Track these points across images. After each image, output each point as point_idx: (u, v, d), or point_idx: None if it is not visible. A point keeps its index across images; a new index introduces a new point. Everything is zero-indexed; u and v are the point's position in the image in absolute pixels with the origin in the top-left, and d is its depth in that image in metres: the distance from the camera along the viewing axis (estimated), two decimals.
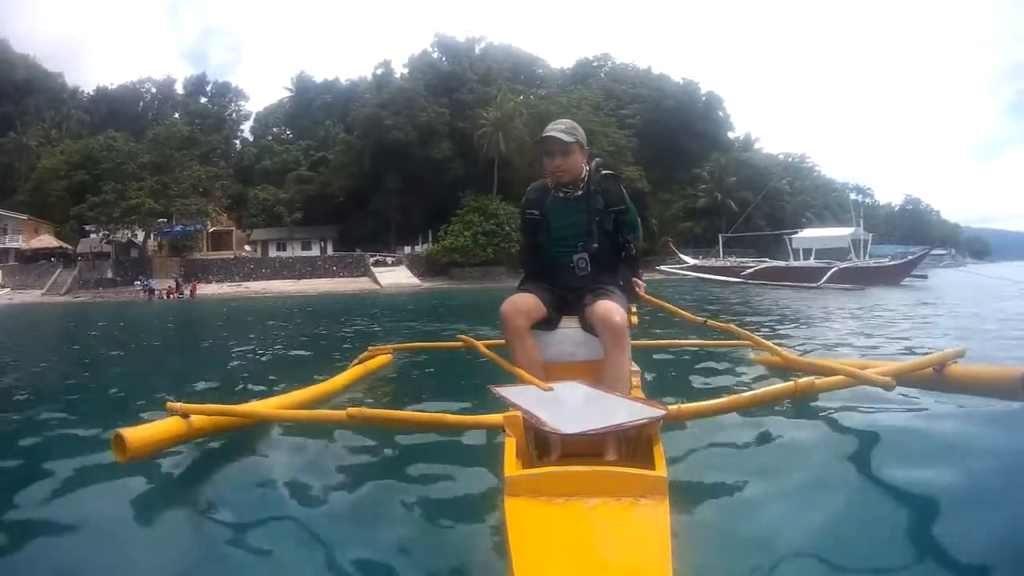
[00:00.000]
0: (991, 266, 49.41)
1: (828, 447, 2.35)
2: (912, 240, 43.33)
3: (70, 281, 38.11)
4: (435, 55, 50.75)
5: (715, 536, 1.64)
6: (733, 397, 1.95)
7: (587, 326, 2.27)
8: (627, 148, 47.92)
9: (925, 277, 24.23)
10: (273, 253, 47.11)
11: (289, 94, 62.80)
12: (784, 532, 1.69)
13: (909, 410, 2.58)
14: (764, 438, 2.39)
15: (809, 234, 29.95)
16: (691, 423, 1.98)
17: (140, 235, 41.49)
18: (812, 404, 2.67)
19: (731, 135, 59.14)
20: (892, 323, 7.67)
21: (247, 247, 48.41)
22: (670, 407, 1.73)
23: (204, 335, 10.09)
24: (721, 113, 58.05)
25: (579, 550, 1.20)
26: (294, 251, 47.03)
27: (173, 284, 35.48)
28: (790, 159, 61.06)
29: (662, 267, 30.26)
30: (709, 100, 56.24)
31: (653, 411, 1.66)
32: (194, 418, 1.97)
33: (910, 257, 25.60)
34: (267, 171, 52.41)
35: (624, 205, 2.47)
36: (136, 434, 1.80)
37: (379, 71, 52.33)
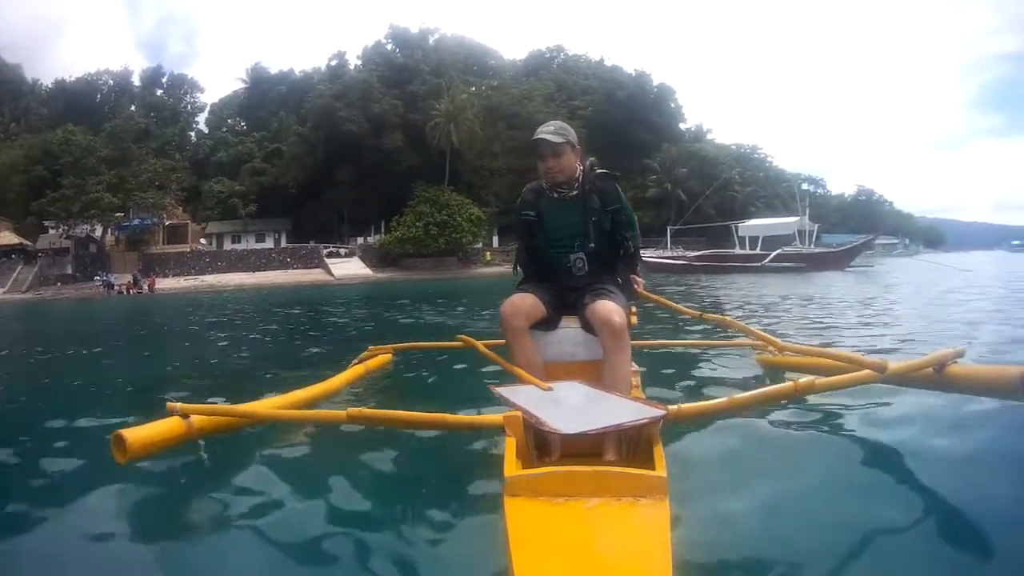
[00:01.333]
0: (944, 255, 50.49)
1: (828, 447, 2.35)
2: (864, 229, 44.18)
3: (31, 278, 37.38)
4: (389, 46, 50.76)
5: (715, 536, 1.64)
6: (733, 397, 1.95)
7: (587, 326, 2.27)
8: (578, 139, 48.40)
9: (871, 266, 25.32)
10: (228, 246, 46.83)
11: (244, 85, 62.31)
12: (784, 532, 1.69)
13: (909, 410, 2.58)
14: (764, 438, 2.39)
15: (755, 223, 30.86)
16: (691, 423, 1.98)
17: (98, 230, 40.99)
18: (812, 404, 2.67)
19: (682, 126, 59.95)
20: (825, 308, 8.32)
21: (202, 240, 48.01)
22: (670, 407, 1.73)
23: (172, 332, 9.98)
24: (673, 104, 58.58)
25: (579, 550, 1.20)
26: (249, 244, 46.80)
27: (131, 279, 35.27)
28: (742, 150, 61.94)
29: None
30: (661, 92, 56.67)
31: (653, 411, 1.66)
32: (194, 418, 1.96)
33: (852, 245, 26.27)
34: (222, 163, 52.12)
35: (620, 204, 2.47)
36: (136, 434, 1.80)
37: (333, 62, 52.23)
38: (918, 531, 1.70)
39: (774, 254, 23.62)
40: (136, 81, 57.97)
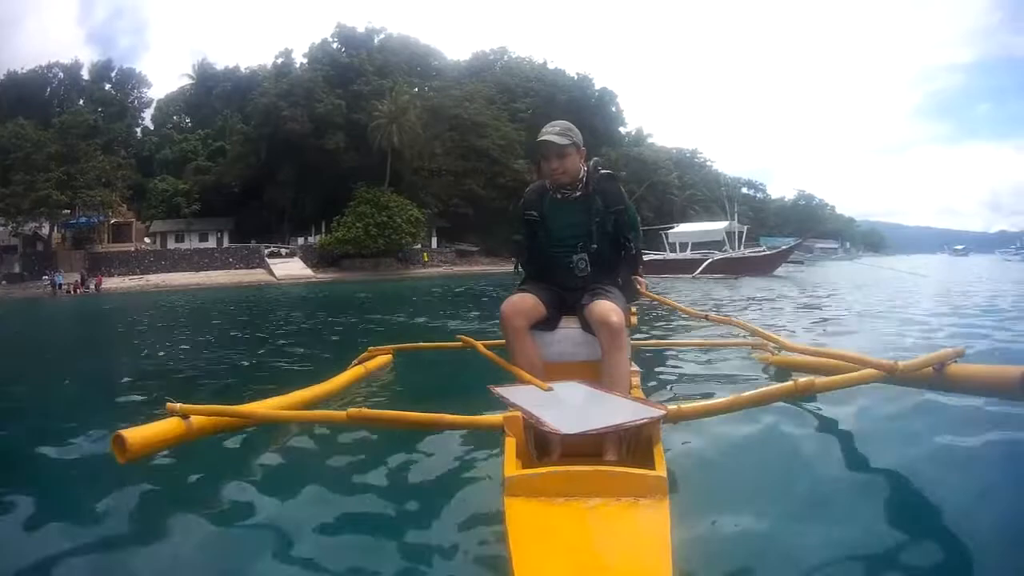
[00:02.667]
0: (884, 258, 53.10)
1: (828, 447, 2.35)
2: (805, 233, 45.21)
3: None
4: (335, 45, 50.45)
5: (715, 536, 1.64)
6: (733, 397, 1.95)
7: (586, 326, 2.27)
8: (517, 142, 48.40)
9: (801, 263, 26.64)
10: (172, 245, 46.23)
11: (190, 81, 61.02)
12: (784, 532, 1.69)
13: (909, 410, 2.58)
14: (764, 438, 2.39)
15: (685, 228, 31.84)
16: (691, 423, 1.97)
17: (45, 228, 40.01)
18: (812, 404, 2.67)
19: (623, 130, 60.60)
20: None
21: (147, 239, 47.23)
22: (670, 407, 1.73)
23: (134, 335, 9.62)
24: (614, 108, 59.26)
25: (579, 550, 1.20)
26: (192, 243, 46.20)
27: (79, 279, 34.40)
28: (682, 154, 62.97)
29: None
30: (602, 95, 57.27)
31: (653, 411, 1.66)
32: (194, 419, 1.96)
33: (783, 248, 26.84)
34: (167, 161, 51.53)
35: (623, 204, 2.47)
36: (136, 435, 1.80)
37: (279, 60, 51.76)
38: (918, 531, 1.70)
39: (705, 264, 24.19)
40: (86, 75, 55.67)
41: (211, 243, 46.22)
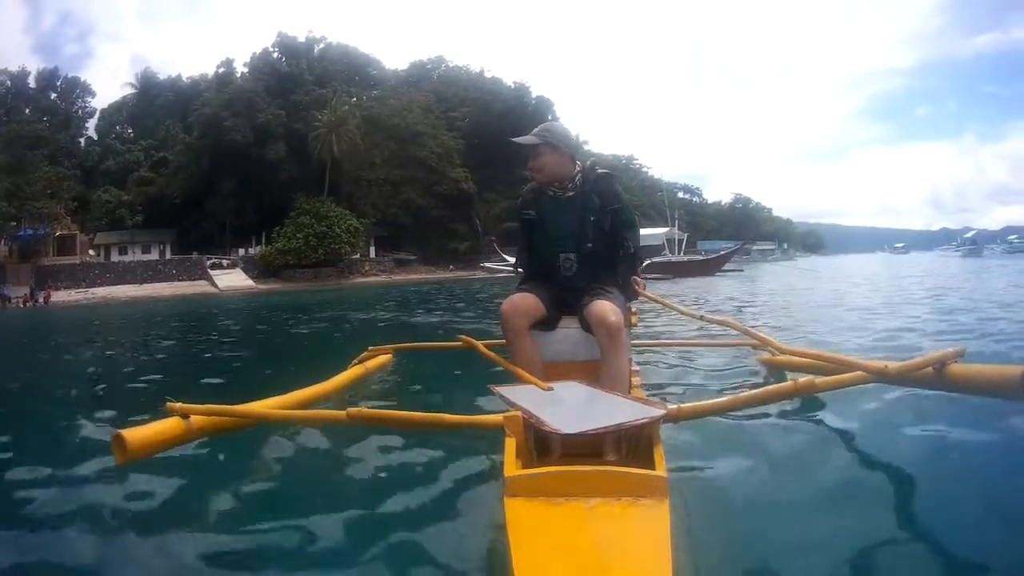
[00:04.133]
0: (822, 258, 56.38)
1: (828, 446, 2.35)
2: (741, 236, 45.59)
3: None
4: (275, 55, 50.44)
5: (715, 536, 1.64)
6: (733, 397, 1.95)
7: (586, 326, 2.27)
8: (454, 150, 48.76)
9: (741, 271, 27.04)
10: (116, 257, 45.72)
11: (133, 91, 60.67)
12: (784, 532, 1.69)
13: (908, 410, 2.58)
14: (764, 438, 2.39)
15: None
16: (691, 423, 1.97)
17: None
18: (812, 403, 2.67)
19: None
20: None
21: (91, 252, 46.40)
22: (670, 407, 1.73)
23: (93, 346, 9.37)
24: (550, 116, 59.19)
25: (579, 550, 1.20)
26: (135, 255, 45.87)
27: (28, 292, 34.10)
28: (618, 160, 63.55)
29: (486, 264, 32.37)
30: (539, 104, 57.68)
31: (653, 411, 1.66)
32: (194, 418, 1.96)
33: (723, 252, 27.49)
34: (110, 172, 51.17)
35: (620, 204, 2.47)
36: (135, 434, 1.80)
37: (221, 70, 51.50)
38: (918, 531, 1.70)
39: (644, 265, 25.17)
40: (32, 83, 55.04)
41: (154, 255, 45.86)
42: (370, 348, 3.89)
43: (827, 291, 12.45)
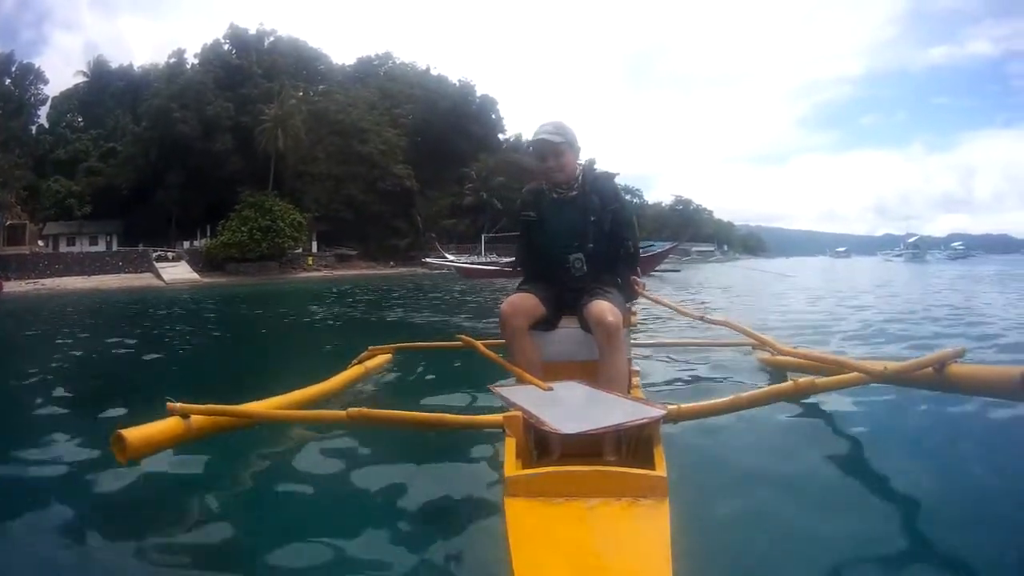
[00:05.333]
0: (762, 261, 59.15)
1: (828, 447, 2.35)
2: (680, 237, 46.71)
3: None
4: (226, 47, 49.91)
5: (715, 536, 1.64)
6: (733, 397, 1.95)
7: (586, 326, 2.27)
8: (398, 147, 48.84)
9: (678, 270, 28.08)
10: (64, 248, 44.87)
11: (85, 79, 58.95)
12: (784, 532, 1.69)
13: (909, 410, 2.58)
14: (764, 438, 2.39)
15: None
16: (691, 423, 1.98)
17: None
18: (812, 403, 2.67)
19: (502, 136, 61.29)
20: None
21: (39, 242, 45.58)
22: (670, 407, 1.73)
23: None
24: (494, 115, 60.07)
25: (579, 550, 1.20)
26: (83, 246, 45.13)
27: None
28: None
29: (427, 260, 32.31)
30: (483, 102, 58.10)
31: (653, 411, 1.66)
32: (194, 418, 1.96)
33: (657, 251, 28.29)
34: (60, 161, 50.16)
35: (619, 203, 2.47)
36: (136, 434, 1.80)
37: (172, 60, 50.70)
38: (918, 531, 1.70)
39: None
40: None
41: (101, 246, 45.23)
42: (370, 348, 3.89)
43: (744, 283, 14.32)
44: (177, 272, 37.59)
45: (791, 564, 1.55)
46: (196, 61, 49.59)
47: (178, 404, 1.93)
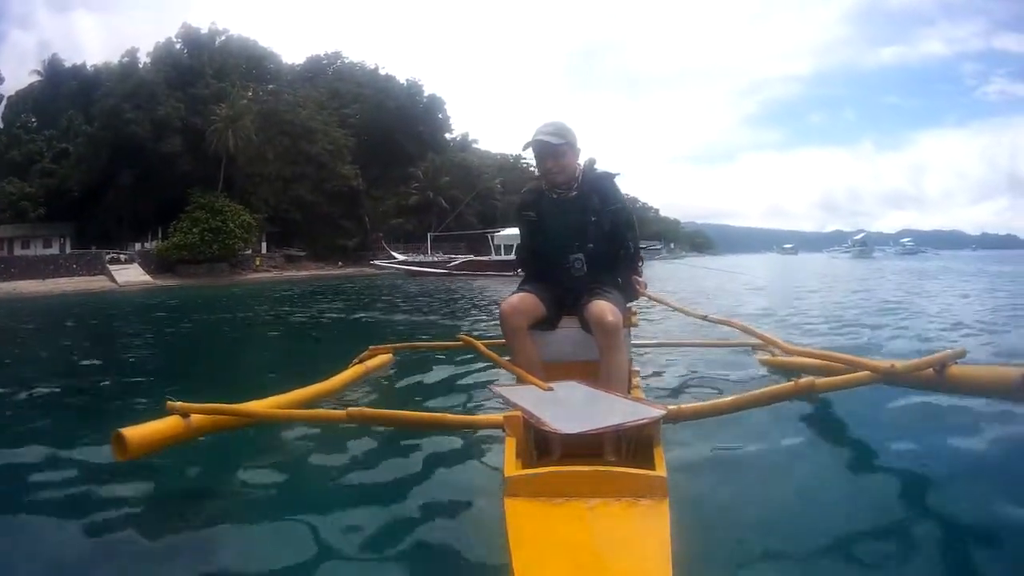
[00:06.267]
0: (708, 258, 60.44)
1: (828, 447, 2.35)
2: None
3: None
4: (178, 46, 49.14)
5: (715, 536, 1.64)
6: (733, 397, 1.95)
7: (586, 326, 2.27)
8: (345, 147, 48.83)
9: None
10: (18, 251, 43.91)
11: (39, 78, 57.51)
12: (784, 532, 1.69)
13: (909, 410, 2.58)
14: (764, 438, 2.39)
15: (510, 232, 33.09)
16: (691, 423, 1.98)
17: None
18: (812, 404, 2.67)
19: (449, 136, 61.30)
20: None
21: None
22: (670, 407, 1.73)
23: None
24: (441, 115, 59.83)
25: (579, 550, 1.20)
26: (36, 249, 44.17)
27: None
28: (506, 160, 63.77)
29: (375, 262, 32.71)
30: (431, 102, 58.12)
31: (653, 411, 1.66)
32: (194, 417, 1.96)
33: None
34: (15, 163, 48.76)
35: (619, 204, 2.46)
36: (136, 433, 1.80)
37: (125, 60, 49.15)
38: (918, 531, 1.70)
39: None
40: None
41: (55, 249, 44.41)
42: (370, 348, 3.89)
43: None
44: (130, 274, 37.24)
45: (791, 564, 1.55)
46: (148, 60, 48.62)
47: (178, 403, 1.93)
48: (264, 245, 45.91)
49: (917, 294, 10.70)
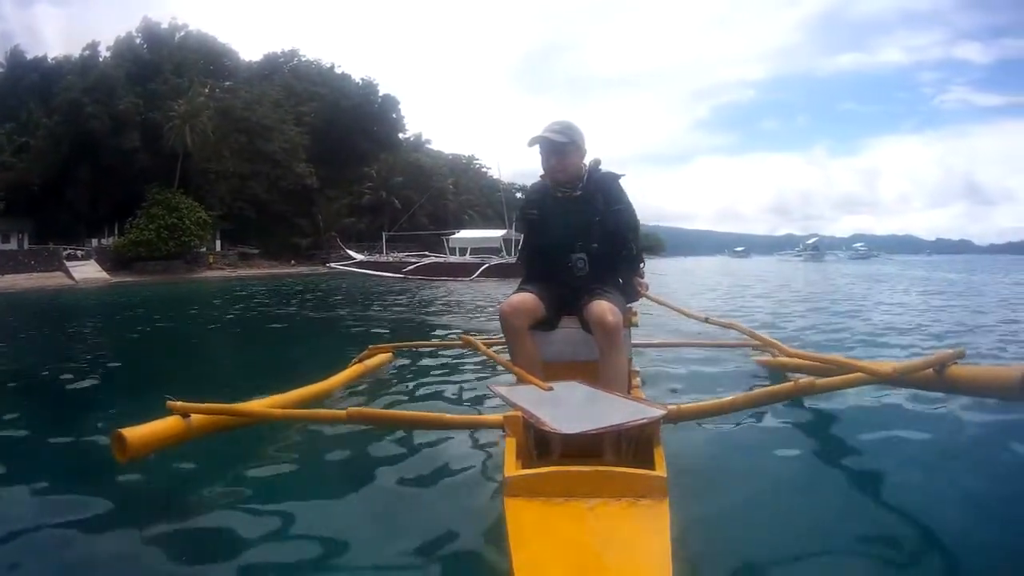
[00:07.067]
0: (663, 260, 63.32)
1: (828, 447, 2.35)
2: None
3: None
4: (138, 41, 48.83)
5: (715, 536, 1.65)
6: (733, 397, 1.95)
7: (587, 326, 2.27)
8: (300, 145, 48.76)
9: None
10: None
11: (0, 70, 55.23)
12: (784, 532, 1.69)
13: (909, 410, 2.58)
14: (764, 438, 2.40)
15: (465, 235, 34.15)
16: (691, 423, 1.98)
17: None
18: (812, 404, 2.67)
19: (402, 136, 61.36)
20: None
21: None
22: (670, 407, 1.73)
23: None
24: (395, 115, 59.80)
25: (579, 550, 1.20)
26: None
27: None
28: (459, 160, 64.42)
29: (331, 264, 32.51)
30: (385, 102, 58.15)
31: (653, 411, 1.66)
32: (194, 417, 1.96)
33: None
34: None
35: (623, 204, 2.46)
36: (136, 433, 1.80)
37: (86, 53, 48.78)
38: (918, 531, 1.70)
39: (483, 268, 25.96)
40: None
41: (13, 244, 43.60)
42: (370, 347, 3.90)
43: None
44: (87, 271, 36.85)
45: (791, 564, 1.55)
46: (109, 54, 48.12)
47: (178, 403, 1.93)
48: (218, 243, 45.54)
49: (859, 296, 11.24)
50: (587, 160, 2.49)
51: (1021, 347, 4.91)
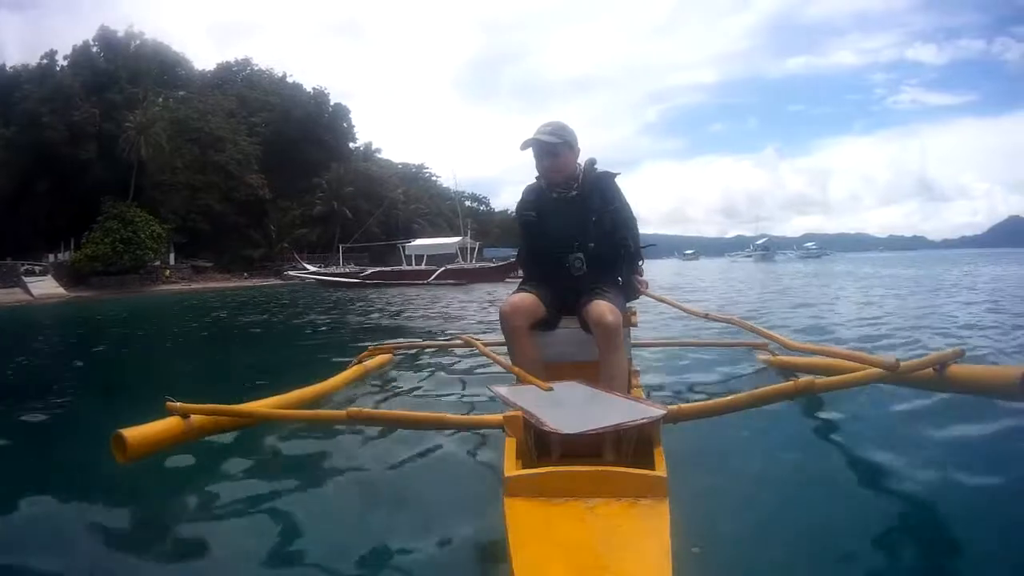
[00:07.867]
0: None
1: (828, 447, 2.35)
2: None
3: None
4: (95, 49, 47.78)
5: (715, 536, 1.64)
6: (733, 397, 1.95)
7: (586, 326, 2.27)
8: (253, 156, 48.67)
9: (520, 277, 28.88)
10: None
11: None
12: (784, 532, 1.69)
13: (909, 410, 2.58)
14: (764, 438, 2.39)
15: (421, 243, 34.56)
16: (691, 423, 1.98)
17: None
18: (813, 403, 2.67)
19: (353, 145, 61.35)
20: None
21: None
22: (670, 407, 1.73)
23: None
24: (345, 124, 59.78)
25: (579, 550, 1.20)
26: None
27: None
28: (409, 169, 64.88)
29: (290, 273, 33.11)
30: (336, 112, 58.10)
31: (653, 411, 1.66)
32: (194, 418, 1.96)
33: (511, 259, 29.34)
34: None
35: (620, 203, 2.46)
36: (136, 434, 1.80)
37: (44, 62, 47.59)
38: (918, 531, 1.70)
39: (439, 271, 26.49)
40: None
41: None
42: (370, 347, 3.90)
43: None
44: (45, 287, 35.87)
45: (791, 564, 1.55)
46: (65, 63, 47.12)
47: (178, 404, 1.93)
48: (172, 256, 44.83)
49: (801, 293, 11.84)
50: (582, 160, 2.49)
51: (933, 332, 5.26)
